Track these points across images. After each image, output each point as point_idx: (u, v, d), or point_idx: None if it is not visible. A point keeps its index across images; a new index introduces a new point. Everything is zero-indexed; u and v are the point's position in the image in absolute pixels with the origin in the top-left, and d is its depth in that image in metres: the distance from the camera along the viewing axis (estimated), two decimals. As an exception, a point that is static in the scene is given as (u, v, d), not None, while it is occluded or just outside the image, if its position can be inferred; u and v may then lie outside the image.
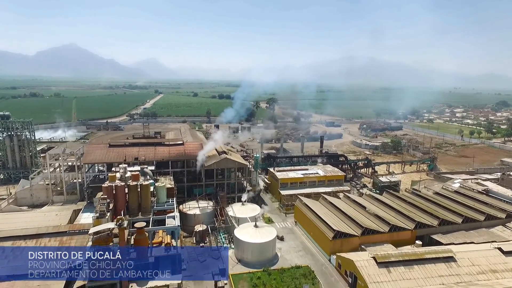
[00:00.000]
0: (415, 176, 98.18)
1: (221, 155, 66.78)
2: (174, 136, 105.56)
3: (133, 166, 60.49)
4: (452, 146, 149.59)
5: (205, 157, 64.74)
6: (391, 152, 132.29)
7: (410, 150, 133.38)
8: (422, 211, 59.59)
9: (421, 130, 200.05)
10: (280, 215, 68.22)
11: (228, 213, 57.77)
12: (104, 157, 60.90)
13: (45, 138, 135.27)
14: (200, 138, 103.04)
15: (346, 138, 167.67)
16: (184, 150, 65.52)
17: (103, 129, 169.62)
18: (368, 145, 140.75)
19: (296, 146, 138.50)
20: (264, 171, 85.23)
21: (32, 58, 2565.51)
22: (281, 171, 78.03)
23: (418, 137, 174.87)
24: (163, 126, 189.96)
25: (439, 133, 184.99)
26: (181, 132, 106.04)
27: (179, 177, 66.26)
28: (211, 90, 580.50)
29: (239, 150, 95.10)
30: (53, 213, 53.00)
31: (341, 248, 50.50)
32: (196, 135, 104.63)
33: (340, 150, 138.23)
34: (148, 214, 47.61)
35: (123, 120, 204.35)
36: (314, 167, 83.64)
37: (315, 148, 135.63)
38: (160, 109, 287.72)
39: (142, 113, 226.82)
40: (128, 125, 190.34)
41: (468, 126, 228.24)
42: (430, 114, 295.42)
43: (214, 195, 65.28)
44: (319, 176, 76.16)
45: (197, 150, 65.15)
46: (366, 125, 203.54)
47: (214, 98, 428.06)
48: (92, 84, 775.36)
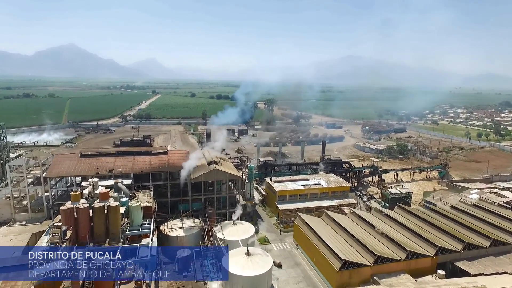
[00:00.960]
0: (425, 184, 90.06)
1: (210, 166, 58.54)
2: (163, 140, 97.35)
3: (107, 180, 52.33)
4: (460, 150, 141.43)
5: (191, 168, 56.52)
6: (397, 156, 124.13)
7: (417, 154, 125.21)
8: (441, 231, 51.42)
9: (426, 132, 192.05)
10: (277, 234, 60.04)
11: (216, 235, 49.54)
12: (73, 169, 52.63)
13: (28, 143, 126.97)
14: (192, 143, 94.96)
15: (348, 141, 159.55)
16: (167, 161, 57.25)
17: (93, 131, 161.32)
18: (372, 149, 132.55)
19: (295, 150, 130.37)
20: (261, 180, 77.07)
21: (30, 59, 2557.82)
22: (279, 181, 69.81)
23: (423, 139, 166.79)
24: (156, 129, 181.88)
25: (445, 135, 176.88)
26: (170, 137, 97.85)
27: (163, 191, 58.09)
28: (210, 91, 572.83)
29: (233, 158, 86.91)
30: (8, 238, 44.75)
31: (349, 281, 42.38)
32: (187, 140, 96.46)
33: (343, 154, 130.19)
34: (118, 242, 39.40)
35: (115, 122, 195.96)
36: (316, 176, 75.46)
37: (316, 153, 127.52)
38: (155, 110, 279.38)
39: (136, 114, 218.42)
40: (119, 127, 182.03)
41: (474, 127, 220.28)
42: (433, 115, 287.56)
43: (202, 211, 57.10)
44: (321, 188, 67.95)
45: (182, 160, 56.90)
46: (369, 127, 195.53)
47: (212, 98, 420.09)
48: (90, 85, 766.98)
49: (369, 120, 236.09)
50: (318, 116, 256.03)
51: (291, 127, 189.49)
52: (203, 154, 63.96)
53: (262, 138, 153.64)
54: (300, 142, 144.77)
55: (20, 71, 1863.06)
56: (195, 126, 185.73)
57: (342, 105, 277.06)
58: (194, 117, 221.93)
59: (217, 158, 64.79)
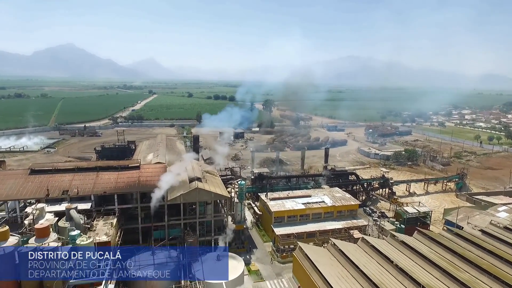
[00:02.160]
0: (442, 198, 79.76)
1: (191, 183, 48.15)
2: (147, 147, 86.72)
3: (59, 204, 41.97)
4: (472, 155, 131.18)
5: (168, 186, 46.17)
6: (406, 163, 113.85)
7: (428, 161, 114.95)
8: (479, 269, 41.06)
9: (433, 135, 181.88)
10: (273, 266, 49.71)
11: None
12: (17, 191, 42.18)
13: (4, 148, 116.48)
14: (179, 150, 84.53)
15: (351, 145, 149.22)
16: (138, 178, 46.86)
17: (79, 135, 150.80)
18: (378, 154, 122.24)
19: (295, 156, 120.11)
20: (255, 196, 66.75)
21: (29, 58, 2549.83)
22: (276, 199, 59.46)
23: (431, 143, 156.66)
24: (147, 131, 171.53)
25: (453, 138, 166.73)
26: (156, 143, 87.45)
27: (134, 213, 47.77)
28: (208, 91, 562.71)
29: (222, 169, 76.29)
30: None
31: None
32: (174, 146, 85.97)
33: (346, 160, 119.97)
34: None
35: (105, 124, 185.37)
36: (319, 191, 65.11)
37: (317, 159, 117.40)
38: (149, 111, 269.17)
39: (128, 116, 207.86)
40: (109, 130, 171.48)
41: (482, 129, 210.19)
42: (437, 116, 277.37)
43: (181, 239, 46.80)
44: (326, 207, 57.62)
45: (157, 177, 46.53)
46: (372, 129, 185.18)
47: (209, 98, 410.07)
48: (87, 84, 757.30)
49: (372, 122, 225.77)
50: (319, 117, 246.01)
51: (290, 130, 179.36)
52: (186, 167, 53.49)
53: (259, 142, 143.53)
54: (300, 146, 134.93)
55: (18, 70, 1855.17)
56: (189, 128, 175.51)
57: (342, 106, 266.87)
58: (188, 118, 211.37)
59: (203, 172, 54.47)
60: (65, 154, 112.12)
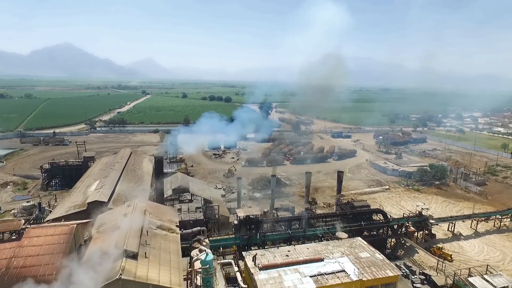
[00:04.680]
0: (499, 242, 58.04)
1: (114, 266, 26.51)
2: (101, 168, 65.19)
3: None
4: (509, 170, 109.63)
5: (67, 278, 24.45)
6: (433, 183, 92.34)
7: (460, 180, 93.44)
8: None
9: (451, 142, 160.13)
10: None
11: None
12: None
13: None
14: (141, 175, 62.93)
15: (361, 156, 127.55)
16: (9, 262, 25.25)
17: (43, 143, 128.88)
18: (396, 171, 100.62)
19: (296, 172, 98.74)
20: (238, 254, 45.04)
21: (26, 58, 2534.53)
22: (269, 267, 37.63)
23: (452, 153, 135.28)
24: (125, 139, 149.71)
25: (477, 148, 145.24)
26: (115, 161, 65.77)
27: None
28: (205, 91, 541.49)
29: (199, 207, 54.10)
30: None
31: None
32: (136, 169, 64.02)
33: (358, 178, 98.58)
34: None
35: (80, 130, 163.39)
36: (334, 246, 43.31)
37: (323, 176, 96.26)
38: (136, 113, 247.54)
39: (108, 120, 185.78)
40: (82, 136, 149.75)
41: (503, 136, 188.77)
42: (448, 120, 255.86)
43: None
44: (348, 283, 35.92)
45: (47, 260, 24.87)
46: (383, 136, 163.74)
47: (204, 99, 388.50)
48: (82, 84, 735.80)
49: (381, 127, 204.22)
50: (321, 121, 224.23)
51: (289, 136, 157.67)
52: (118, 225, 31.80)
53: (254, 153, 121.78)
54: (302, 159, 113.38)
55: (15, 70, 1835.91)
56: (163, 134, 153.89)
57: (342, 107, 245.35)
58: (177, 122, 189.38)
59: (150, 231, 32.83)
60: (10, 172, 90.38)
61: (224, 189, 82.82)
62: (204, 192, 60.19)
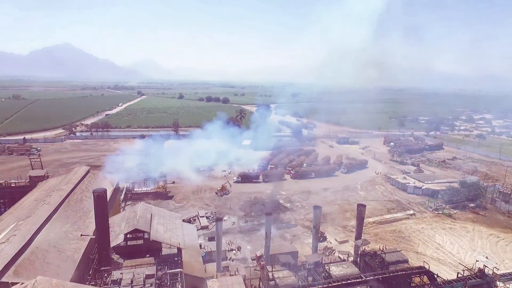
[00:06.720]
0: None
1: None
2: (42, 194, 48.45)
3: None
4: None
5: None
6: (466, 205, 75.05)
7: (499, 202, 76.14)
8: None
9: (471, 149, 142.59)
10: None
11: None
12: None
13: None
14: (87, 210, 46.30)
15: (373, 167, 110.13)
16: None
17: (6, 152, 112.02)
18: (420, 188, 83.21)
19: (298, 191, 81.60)
20: None
21: (25, 58, 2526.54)
22: None
23: (476, 163, 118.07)
24: (105, 146, 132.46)
25: (503, 156, 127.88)
26: (60, 187, 49.04)
27: None
28: (203, 92, 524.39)
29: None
30: None
31: None
32: (90, 195, 47.26)
33: (373, 198, 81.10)
34: None
35: (57, 136, 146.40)
36: None
37: (332, 195, 79.20)
38: (126, 115, 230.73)
39: (91, 124, 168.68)
40: (57, 143, 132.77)
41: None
42: (460, 123, 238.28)
43: None
44: None
45: None
46: (394, 142, 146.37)
47: (201, 101, 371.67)
48: (79, 85, 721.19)
49: (389, 131, 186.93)
50: (323, 123, 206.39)
51: (290, 144, 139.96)
52: None
53: (249, 164, 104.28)
54: (305, 173, 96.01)
55: (14, 70, 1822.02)
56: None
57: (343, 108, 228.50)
58: (166, 126, 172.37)
59: None
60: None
61: (209, 216, 65.73)
62: (173, 234, 42.89)
